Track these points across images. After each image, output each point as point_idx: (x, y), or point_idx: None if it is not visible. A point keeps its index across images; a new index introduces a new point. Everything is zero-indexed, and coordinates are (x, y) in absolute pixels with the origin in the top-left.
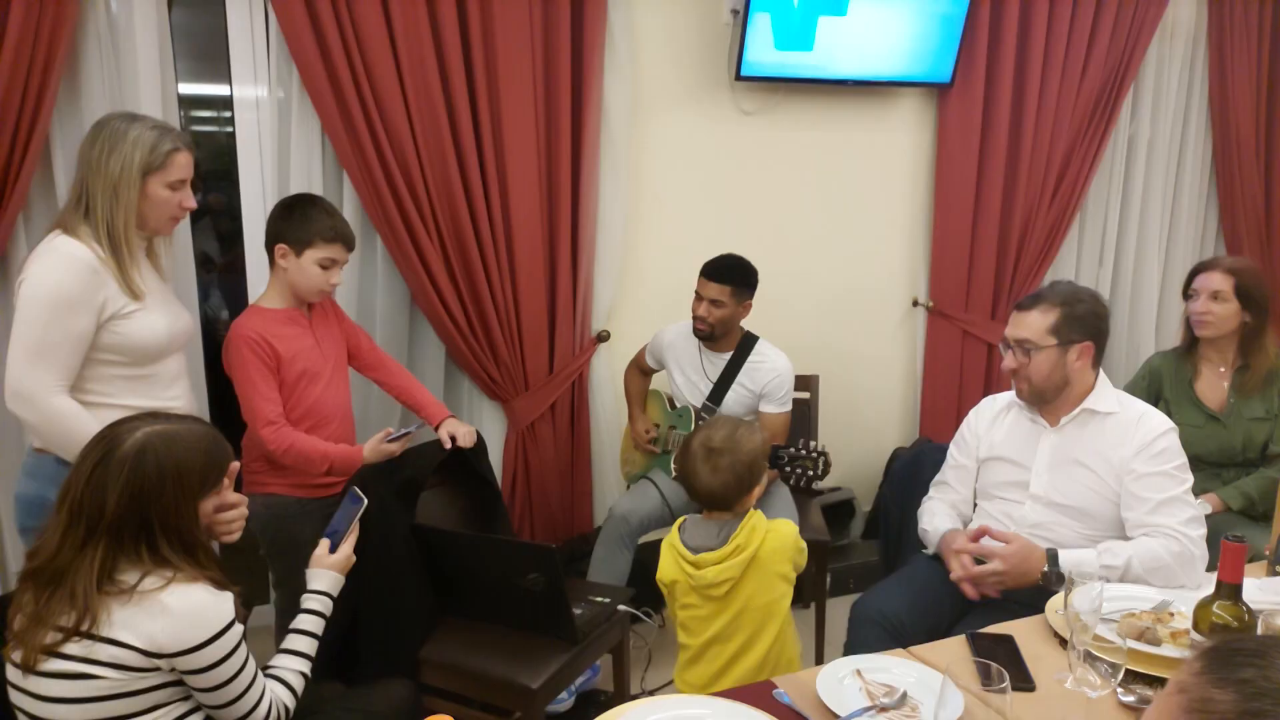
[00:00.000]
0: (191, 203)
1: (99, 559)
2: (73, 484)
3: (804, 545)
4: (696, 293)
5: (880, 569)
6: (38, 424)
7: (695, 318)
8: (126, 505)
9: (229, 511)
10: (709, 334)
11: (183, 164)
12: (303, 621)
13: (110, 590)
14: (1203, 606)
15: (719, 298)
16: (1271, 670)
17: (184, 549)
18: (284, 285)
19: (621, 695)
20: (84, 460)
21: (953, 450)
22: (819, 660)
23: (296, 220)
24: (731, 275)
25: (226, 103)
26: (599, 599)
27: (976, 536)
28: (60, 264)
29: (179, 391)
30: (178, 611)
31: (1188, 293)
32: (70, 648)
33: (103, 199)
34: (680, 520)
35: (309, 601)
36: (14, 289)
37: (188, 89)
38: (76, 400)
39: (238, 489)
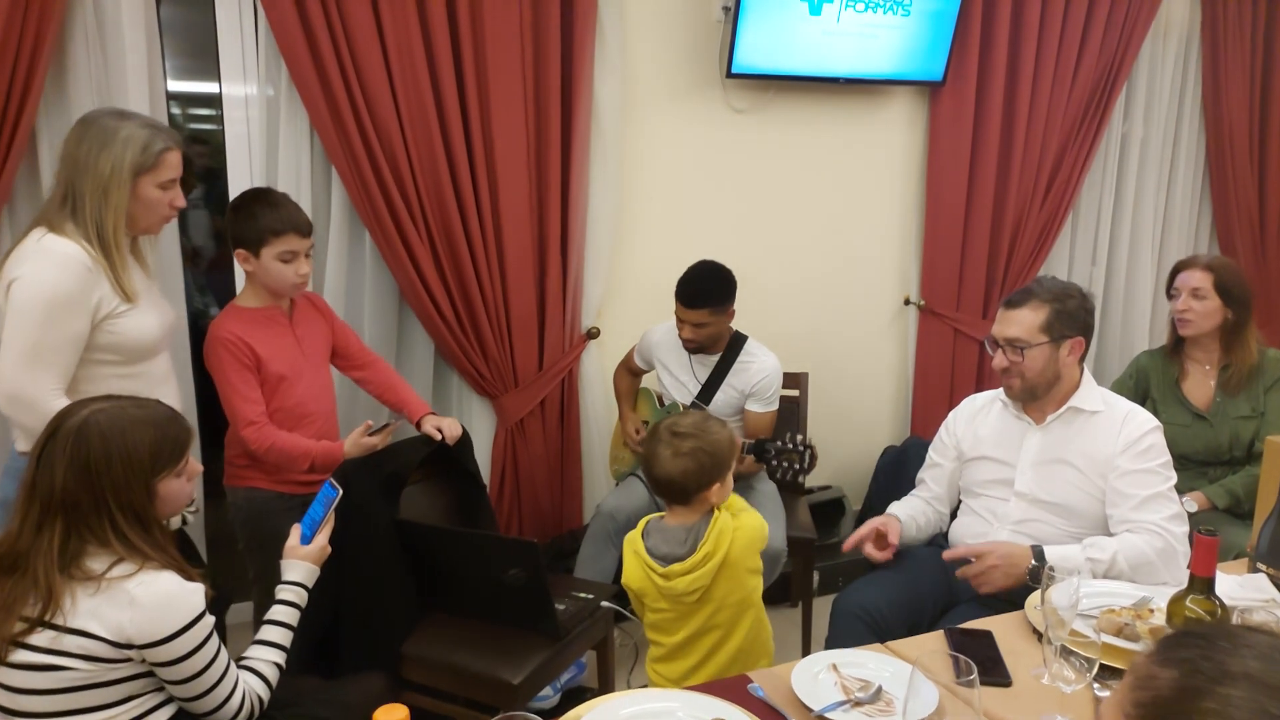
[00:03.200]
0: (181, 202)
1: (57, 538)
2: (28, 468)
3: (766, 531)
4: (677, 315)
5: (866, 567)
6: (36, 427)
7: (683, 338)
8: (75, 480)
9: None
10: (699, 349)
11: (174, 163)
12: (277, 612)
13: (76, 575)
14: (1176, 601)
15: (701, 321)
16: (1213, 651)
17: (141, 528)
18: (258, 284)
19: (606, 691)
20: (37, 444)
21: (930, 450)
22: None
23: (244, 221)
24: (708, 298)
25: (215, 99)
26: (583, 595)
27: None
28: (55, 263)
29: (168, 390)
30: (146, 603)
31: (1170, 292)
32: (37, 639)
33: (92, 199)
34: (643, 523)
35: (283, 592)
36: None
37: (176, 86)
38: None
39: (219, 482)
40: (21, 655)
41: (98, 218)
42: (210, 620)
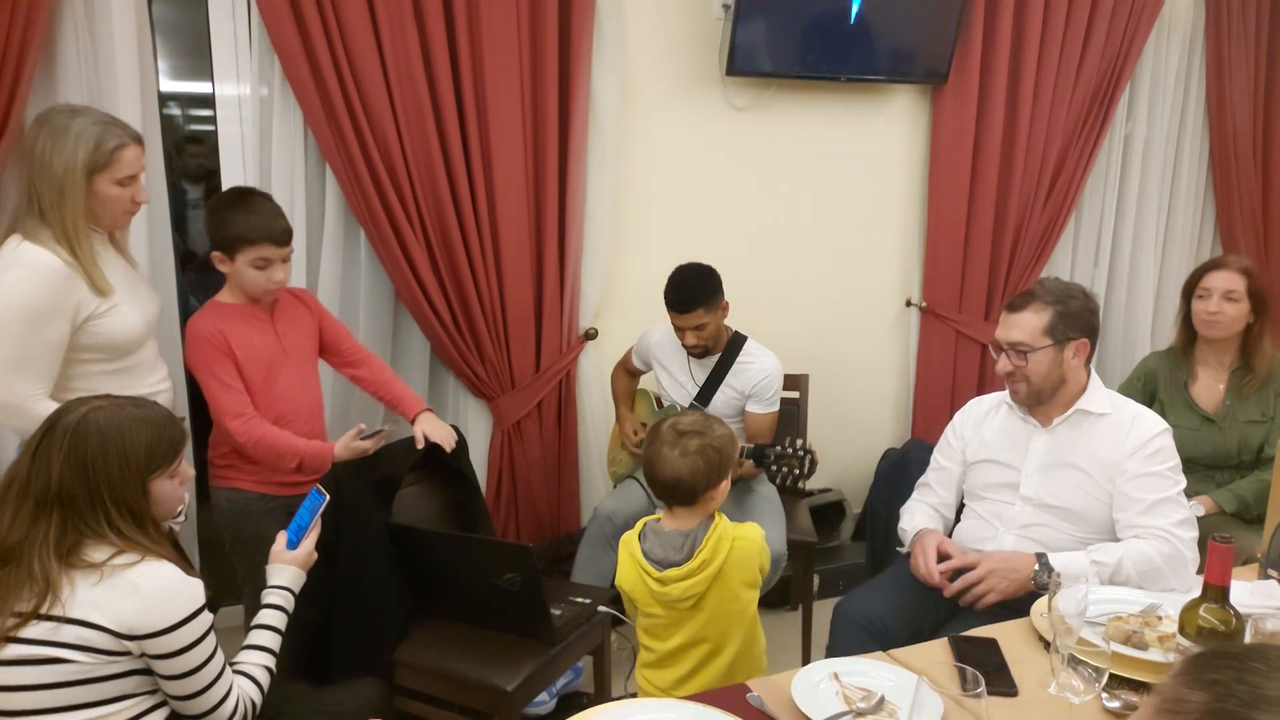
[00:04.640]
0: (144, 196)
1: (54, 532)
2: (19, 464)
3: (769, 552)
4: (675, 325)
5: (867, 571)
6: (26, 430)
7: (687, 346)
8: (72, 475)
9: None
10: (706, 352)
11: (130, 159)
12: (265, 617)
13: (76, 564)
14: (1189, 610)
15: (699, 322)
16: (1247, 673)
17: (137, 524)
18: (236, 284)
19: (602, 697)
20: (30, 441)
21: (936, 453)
22: (805, 665)
23: (220, 224)
24: (697, 298)
25: (209, 99)
26: (579, 599)
27: (945, 559)
28: (31, 274)
29: (160, 377)
30: (149, 591)
31: (1196, 292)
32: (32, 631)
33: (49, 198)
34: (640, 525)
35: (270, 596)
36: None
37: (169, 86)
38: (61, 400)
39: (203, 482)
40: (15, 650)
41: (59, 217)
42: (210, 617)
